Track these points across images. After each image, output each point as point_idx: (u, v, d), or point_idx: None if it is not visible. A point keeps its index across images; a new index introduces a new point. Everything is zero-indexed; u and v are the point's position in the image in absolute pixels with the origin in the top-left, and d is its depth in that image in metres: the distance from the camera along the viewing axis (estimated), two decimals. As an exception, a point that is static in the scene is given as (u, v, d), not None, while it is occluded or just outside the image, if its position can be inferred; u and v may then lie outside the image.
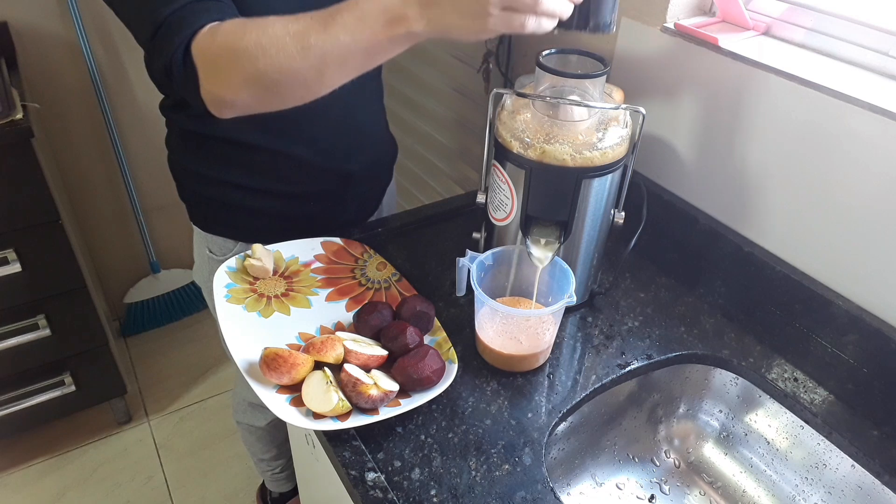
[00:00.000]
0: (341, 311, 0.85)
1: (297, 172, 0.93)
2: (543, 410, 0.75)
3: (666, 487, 0.87)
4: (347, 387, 0.70)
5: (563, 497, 0.83)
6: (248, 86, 0.64)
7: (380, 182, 1.09)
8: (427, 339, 0.80)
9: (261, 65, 0.62)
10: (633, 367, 0.81)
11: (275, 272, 0.88)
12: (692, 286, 0.94)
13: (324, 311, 0.84)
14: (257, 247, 0.86)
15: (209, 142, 0.90)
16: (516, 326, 0.78)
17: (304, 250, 0.91)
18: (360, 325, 0.80)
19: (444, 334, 0.81)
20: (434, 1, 0.58)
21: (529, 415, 0.75)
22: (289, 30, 0.62)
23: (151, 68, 0.70)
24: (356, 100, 0.94)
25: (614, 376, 0.80)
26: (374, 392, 0.69)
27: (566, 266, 0.78)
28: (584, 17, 0.64)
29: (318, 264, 0.91)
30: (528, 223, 0.80)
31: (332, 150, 0.94)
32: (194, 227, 1.02)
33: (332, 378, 0.71)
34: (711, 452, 0.89)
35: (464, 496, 0.66)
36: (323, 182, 0.96)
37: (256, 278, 0.86)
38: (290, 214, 0.97)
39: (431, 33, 0.61)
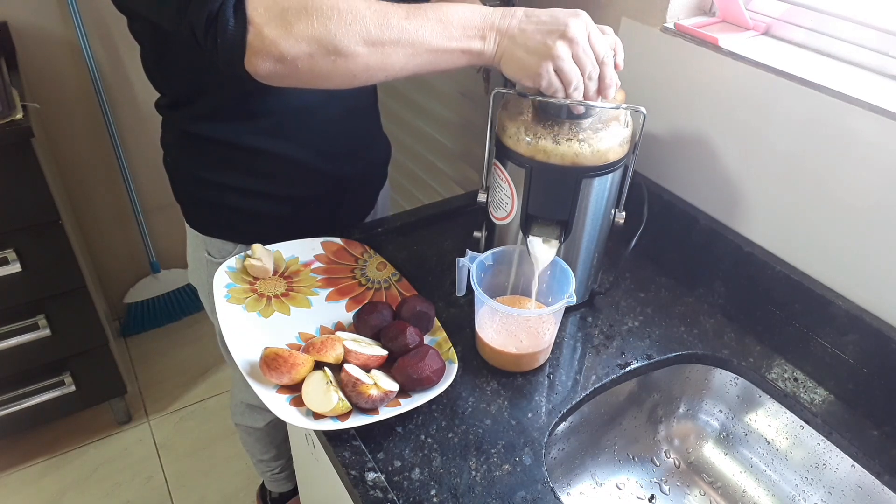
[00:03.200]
0: (341, 311, 0.85)
1: (294, 175, 0.93)
2: (543, 410, 0.75)
3: (666, 487, 0.87)
4: (347, 387, 0.70)
5: (563, 497, 0.83)
6: (311, 43, 0.62)
7: (375, 184, 1.09)
8: (427, 339, 0.80)
9: (333, 26, 0.61)
10: (633, 367, 0.81)
11: (275, 272, 0.88)
12: (692, 286, 0.94)
13: (324, 311, 0.84)
14: (257, 247, 0.86)
15: (205, 143, 0.90)
16: (517, 325, 0.78)
17: (304, 250, 0.91)
18: (360, 325, 0.80)
19: (444, 334, 0.81)
20: (512, 34, 0.65)
21: (529, 415, 0.75)
22: (371, 4, 0.63)
23: (182, 20, 0.64)
24: (352, 102, 0.94)
25: (614, 376, 0.80)
26: (374, 392, 0.69)
27: (566, 266, 0.78)
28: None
29: (318, 264, 0.91)
30: (529, 222, 0.80)
31: (329, 153, 0.94)
32: (189, 228, 1.02)
33: (332, 378, 0.71)
34: (711, 452, 0.89)
35: (464, 496, 0.66)
36: (319, 185, 0.96)
37: (256, 278, 0.86)
38: (286, 217, 0.97)
39: (496, 61, 0.67)
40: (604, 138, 0.73)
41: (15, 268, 1.37)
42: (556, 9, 0.66)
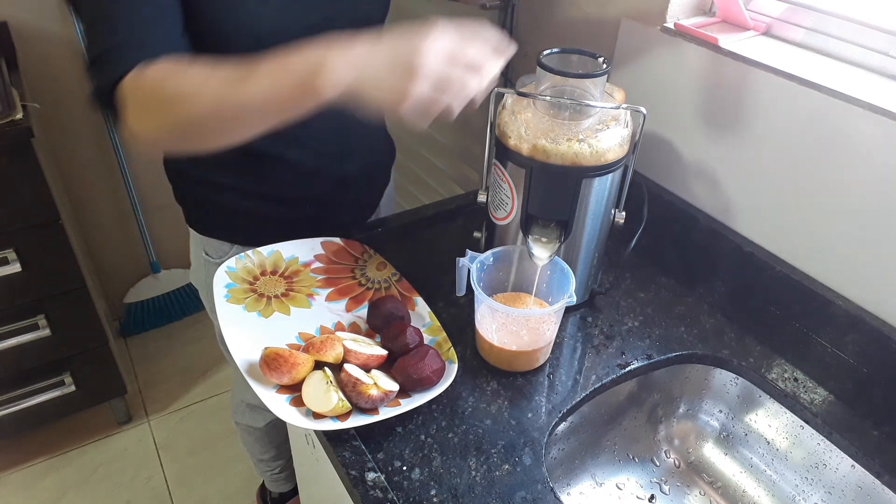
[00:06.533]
0: (341, 311, 0.85)
1: (293, 176, 0.93)
2: (543, 410, 0.75)
3: (666, 487, 0.87)
4: (347, 387, 0.70)
5: (563, 497, 0.83)
6: (167, 130, 0.67)
7: (377, 185, 1.09)
8: (427, 339, 0.80)
9: (179, 112, 0.65)
10: (633, 367, 0.81)
11: (274, 272, 0.88)
12: (692, 286, 0.94)
13: (324, 311, 0.84)
14: None
15: None
16: (517, 323, 0.78)
17: (304, 250, 0.91)
18: (372, 316, 0.81)
19: (444, 334, 0.81)
20: (359, 65, 0.59)
21: (529, 415, 0.75)
22: (209, 81, 0.64)
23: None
24: None
25: (614, 376, 0.80)
26: (374, 392, 0.69)
27: (566, 266, 0.78)
28: None
29: (318, 264, 0.91)
30: (529, 222, 0.80)
31: (328, 153, 0.94)
32: (190, 229, 1.02)
33: (332, 378, 0.71)
34: (711, 452, 0.89)
35: (464, 496, 0.66)
36: (319, 185, 0.96)
37: (256, 278, 0.86)
38: (287, 217, 0.97)
39: (345, 98, 0.61)
40: (604, 138, 0.73)
41: (15, 268, 1.37)
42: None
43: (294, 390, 0.72)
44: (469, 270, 0.77)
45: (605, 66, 0.74)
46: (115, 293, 2.04)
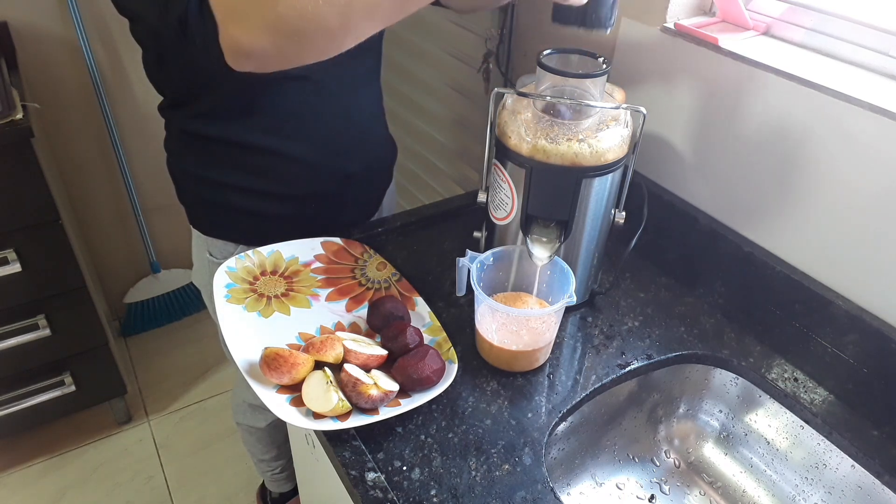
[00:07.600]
0: (341, 311, 0.85)
1: (297, 173, 0.93)
2: (543, 410, 0.75)
3: (666, 487, 0.87)
4: (347, 387, 0.70)
5: (563, 497, 0.83)
6: (269, 32, 0.59)
7: (379, 183, 1.09)
8: (427, 339, 0.80)
9: (281, 8, 0.58)
10: (633, 367, 0.81)
11: (274, 272, 0.88)
12: (692, 286, 0.94)
13: (324, 311, 0.84)
14: None
15: (208, 143, 0.90)
16: (517, 323, 0.78)
17: (304, 250, 0.91)
18: (372, 315, 0.81)
19: (444, 334, 0.81)
20: None
21: (529, 415, 0.75)
22: None
23: (166, 22, 0.65)
24: (355, 99, 0.94)
25: (614, 376, 0.80)
26: (374, 392, 0.69)
27: (566, 266, 0.78)
28: (582, 13, 0.67)
29: (318, 264, 0.91)
30: (529, 222, 0.80)
31: (331, 150, 0.94)
32: (193, 230, 1.02)
33: (332, 378, 0.71)
34: (711, 452, 0.89)
35: (464, 496, 0.66)
36: (322, 183, 0.96)
37: (256, 278, 0.86)
38: (291, 216, 0.97)
39: None
40: (604, 138, 0.73)
41: (15, 268, 1.37)
42: None
43: (294, 390, 0.72)
44: (469, 270, 0.77)
45: (605, 66, 0.74)
46: (115, 293, 2.04)
